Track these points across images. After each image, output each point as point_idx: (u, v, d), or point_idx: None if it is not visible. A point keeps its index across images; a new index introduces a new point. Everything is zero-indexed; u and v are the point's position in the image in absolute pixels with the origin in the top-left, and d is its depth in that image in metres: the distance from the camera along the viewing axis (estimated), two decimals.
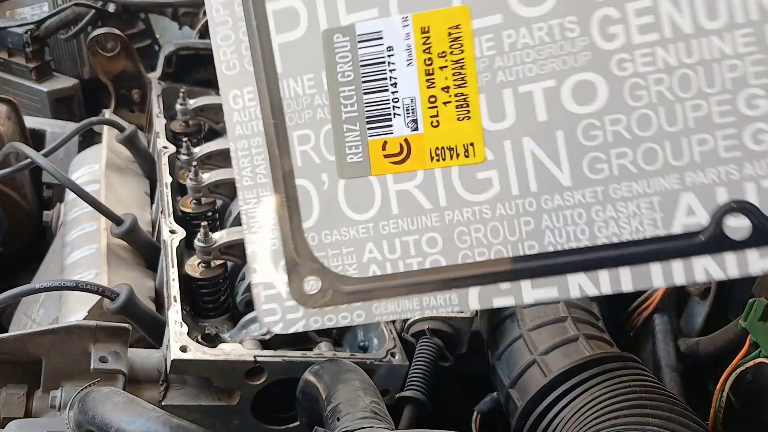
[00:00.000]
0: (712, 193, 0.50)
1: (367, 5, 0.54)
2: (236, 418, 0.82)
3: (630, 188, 0.52)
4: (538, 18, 0.52)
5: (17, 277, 1.19)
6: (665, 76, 0.50)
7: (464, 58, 0.53)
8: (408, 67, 0.54)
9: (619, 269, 0.52)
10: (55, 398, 0.72)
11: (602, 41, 0.51)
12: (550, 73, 0.52)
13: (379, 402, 0.67)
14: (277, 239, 0.57)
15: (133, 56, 1.44)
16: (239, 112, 0.57)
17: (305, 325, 0.57)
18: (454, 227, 0.54)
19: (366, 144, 0.55)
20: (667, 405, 0.63)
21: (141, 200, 1.19)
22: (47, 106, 1.53)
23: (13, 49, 1.55)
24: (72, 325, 0.75)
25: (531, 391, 0.74)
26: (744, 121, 0.50)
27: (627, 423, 0.61)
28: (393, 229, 0.55)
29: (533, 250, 0.53)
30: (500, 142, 0.53)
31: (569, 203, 0.52)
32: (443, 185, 0.54)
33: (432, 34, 0.53)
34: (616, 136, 0.51)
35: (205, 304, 0.96)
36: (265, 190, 0.57)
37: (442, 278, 0.55)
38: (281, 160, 0.56)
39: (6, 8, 1.63)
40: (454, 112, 0.54)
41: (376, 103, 0.55)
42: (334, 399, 0.67)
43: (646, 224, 0.52)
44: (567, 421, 0.68)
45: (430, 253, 0.55)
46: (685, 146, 0.51)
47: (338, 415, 0.65)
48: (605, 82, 0.51)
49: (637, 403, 0.63)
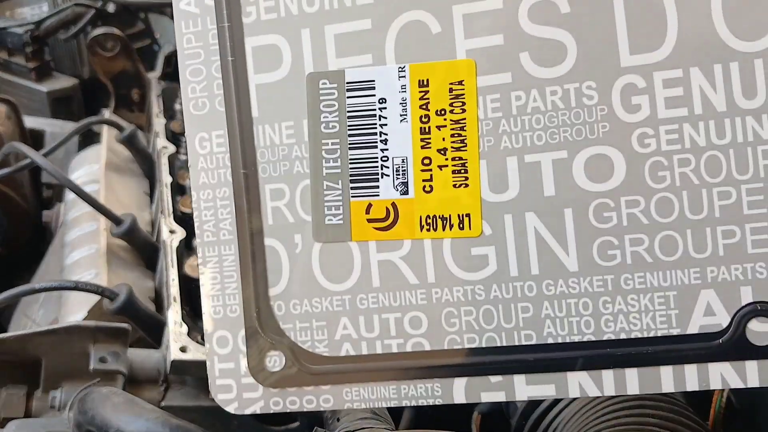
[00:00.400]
0: (736, 292, 0.45)
1: (361, 50, 0.48)
2: (236, 419, 0.80)
3: (644, 280, 0.46)
4: (553, 80, 0.46)
5: (17, 277, 1.17)
6: (692, 156, 0.45)
7: (466, 118, 0.47)
8: (401, 123, 0.48)
9: (625, 370, 0.46)
10: (55, 398, 0.72)
11: (623, 112, 0.45)
12: (561, 143, 0.46)
13: None
14: (237, 305, 0.50)
15: (132, 56, 1.43)
16: (205, 158, 0.50)
17: (263, 407, 0.50)
18: (442, 308, 0.48)
19: (348, 205, 0.49)
20: (667, 405, 0.61)
21: (141, 200, 1.18)
22: (47, 106, 1.50)
23: (12, 49, 1.52)
24: (72, 325, 0.75)
25: None
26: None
27: (627, 423, 0.59)
28: (372, 304, 0.49)
29: (530, 340, 0.47)
30: (500, 215, 0.47)
31: (574, 291, 0.46)
32: (432, 259, 0.48)
33: (431, 88, 0.47)
34: (631, 219, 0.46)
35: None
36: (228, 248, 0.50)
37: (424, 365, 0.48)
38: (249, 216, 0.50)
39: (6, 8, 1.60)
40: (450, 178, 0.47)
41: (363, 161, 0.48)
42: None
43: (659, 321, 0.46)
44: (567, 422, 0.65)
45: (412, 335, 0.48)
46: (708, 237, 0.45)
47: (338, 415, 0.63)
48: (623, 158, 0.45)
49: (638, 403, 0.61)
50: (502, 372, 0.47)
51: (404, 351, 0.48)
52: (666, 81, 0.45)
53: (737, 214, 0.44)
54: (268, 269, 0.50)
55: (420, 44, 0.47)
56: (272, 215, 0.49)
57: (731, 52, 0.44)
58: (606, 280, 0.46)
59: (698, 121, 0.44)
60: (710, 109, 0.44)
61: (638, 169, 0.45)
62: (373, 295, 0.49)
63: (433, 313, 0.48)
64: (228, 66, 0.49)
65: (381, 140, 0.48)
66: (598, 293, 0.46)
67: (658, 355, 0.46)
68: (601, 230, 0.46)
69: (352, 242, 0.49)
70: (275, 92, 0.49)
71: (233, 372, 0.50)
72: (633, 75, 0.45)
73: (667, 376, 0.46)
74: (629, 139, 0.45)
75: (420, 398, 0.48)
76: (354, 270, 0.49)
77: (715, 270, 0.45)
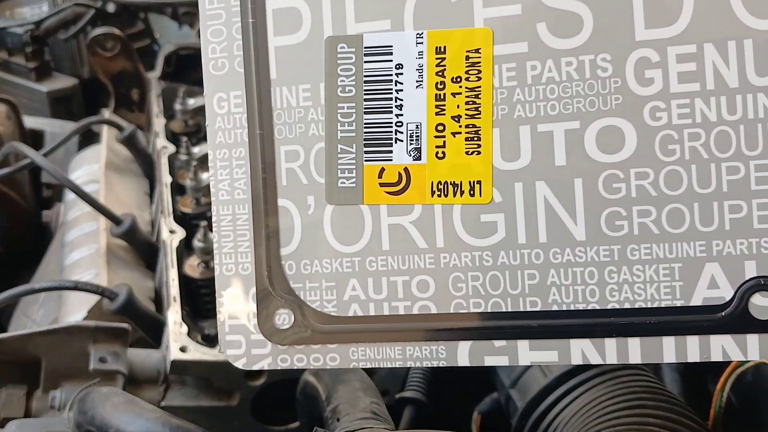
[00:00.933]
0: (740, 266, 0.45)
1: (380, 15, 0.48)
2: (236, 419, 0.81)
3: (650, 251, 0.46)
4: (568, 51, 0.46)
5: (17, 277, 1.16)
6: (702, 131, 0.45)
7: (481, 86, 0.47)
8: (417, 89, 0.48)
9: (628, 339, 0.47)
10: (55, 398, 0.72)
11: (636, 85, 0.46)
12: (574, 114, 0.47)
13: (379, 402, 0.65)
14: (249, 263, 0.51)
15: (132, 56, 1.42)
16: (223, 118, 0.51)
17: (271, 363, 0.51)
18: (450, 272, 0.49)
19: (361, 169, 0.49)
20: (667, 405, 0.61)
21: (140, 200, 1.18)
22: (47, 106, 1.51)
23: (12, 49, 1.53)
24: (71, 325, 0.74)
25: (531, 392, 0.72)
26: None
27: (627, 423, 0.59)
28: (381, 267, 0.49)
29: (535, 307, 0.48)
30: (511, 183, 0.48)
31: (581, 260, 0.47)
32: (442, 224, 0.49)
33: (448, 55, 0.48)
34: (640, 191, 0.46)
35: (205, 305, 0.94)
36: (242, 207, 0.51)
37: (430, 327, 0.49)
38: (264, 176, 0.50)
39: (5, 8, 1.61)
40: (462, 145, 0.48)
41: (378, 125, 0.49)
42: (334, 399, 0.65)
43: (663, 293, 0.46)
44: (567, 422, 0.66)
45: (419, 298, 0.49)
46: (715, 211, 0.45)
47: (338, 415, 0.63)
48: (635, 130, 0.46)
49: (638, 404, 0.61)
50: (506, 337, 0.48)
51: (411, 313, 0.49)
52: (680, 56, 0.45)
53: (745, 190, 0.45)
54: (281, 229, 0.50)
55: (438, 11, 0.48)
56: (286, 176, 0.50)
57: (746, 29, 0.45)
58: (612, 250, 0.47)
59: (710, 96, 0.45)
60: (722, 85, 0.45)
61: (649, 142, 0.46)
62: (383, 257, 0.49)
63: (441, 277, 0.49)
64: (248, 27, 0.50)
65: (396, 105, 0.49)
66: (604, 263, 0.47)
67: (661, 326, 0.46)
68: (610, 201, 0.46)
69: (363, 205, 0.50)
70: (294, 55, 0.50)
71: (243, 328, 0.51)
72: (647, 49, 0.46)
73: (669, 346, 0.46)
74: (641, 112, 0.46)
75: (425, 360, 0.49)
76: (364, 233, 0.50)
77: (720, 244, 0.46)
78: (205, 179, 1.07)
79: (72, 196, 1.12)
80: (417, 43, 0.48)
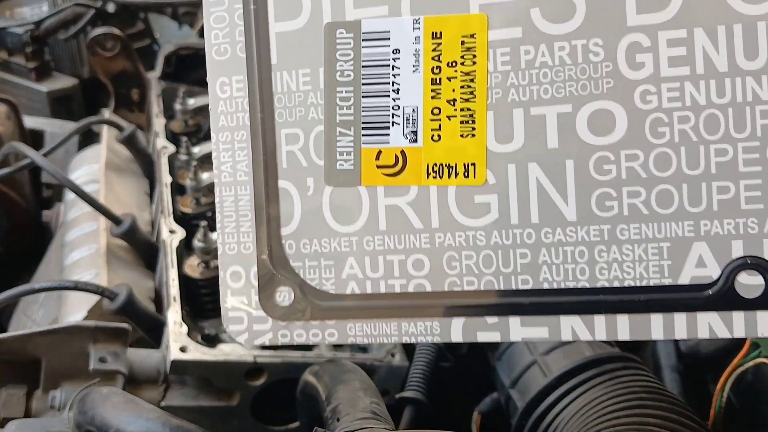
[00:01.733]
0: (727, 245, 0.47)
1: (377, 1, 0.50)
2: (236, 419, 0.81)
3: (639, 231, 0.48)
4: (561, 36, 0.47)
5: (17, 277, 1.15)
6: (691, 114, 0.46)
7: (476, 70, 0.49)
8: (414, 73, 0.50)
9: (617, 316, 0.48)
10: (55, 398, 0.71)
11: (628, 69, 0.47)
12: (566, 98, 0.48)
13: (379, 402, 0.65)
14: (251, 243, 0.52)
15: (132, 56, 1.42)
16: (225, 102, 0.52)
17: (272, 338, 0.52)
18: (444, 251, 0.50)
19: (359, 151, 0.51)
20: (667, 405, 0.62)
21: (140, 200, 1.17)
22: (47, 106, 1.50)
23: (12, 49, 1.52)
24: (71, 325, 0.73)
25: (531, 392, 0.72)
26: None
27: (628, 423, 0.59)
28: (378, 246, 0.51)
29: (527, 285, 0.49)
30: (504, 165, 0.49)
31: (571, 239, 0.48)
32: (437, 205, 0.50)
33: (444, 40, 0.49)
34: (630, 173, 0.47)
35: (205, 305, 0.94)
36: (244, 188, 0.52)
37: (425, 304, 0.50)
38: (265, 159, 0.52)
39: (5, 8, 1.60)
40: (457, 128, 0.49)
41: (375, 109, 0.50)
42: (334, 399, 0.65)
43: (652, 271, 0.48)
44: (568, 422, 0.66)
45: (415, 276, 0.51)
46: (704, 192, 0.47)
47: (338, 415, 0.63)
48: (625, 113, 0.47)
49: (638, 404, 0.62)
50: (499, 313, 0.49)
51: (406, 291, 0.51)
52: (670, 41, 0.46)
53: (733, 171, 0.46)
54: (281, 210, 0.52)
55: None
56: (287, 158, 0.52)
57: (735, 14, 0.45)
58: (602, 230, 0.48)
59: (699, 80, 0.46)
60: (712, 69, 0.46)
61: (639, 125, 0.47)
62: (379, 237, 0.51)
63: (436, 256, 0.50)
64: (250, 13, 0.51)
65: (393, 90, 0.50)
66: (595, 242, 0.48)
67: (649, 303, 0.47)
68: (601, 182, 0.48)
69: (361, 187, 0.51)
70: (294, 40, 0.51)
71: (245, 305, 0.52)
72: (639, 34, 0.47)
73: (657, 323, 0.48)
74: (632, 96, 0.47)
75: (419, 335, 0.50)
76: (362, 213, 0.51)
77: (708, 223, 0.47)
78: (205, 179, 1.05)
79: (72, 196, 1.10)
80: (414, 28, 0.49)
